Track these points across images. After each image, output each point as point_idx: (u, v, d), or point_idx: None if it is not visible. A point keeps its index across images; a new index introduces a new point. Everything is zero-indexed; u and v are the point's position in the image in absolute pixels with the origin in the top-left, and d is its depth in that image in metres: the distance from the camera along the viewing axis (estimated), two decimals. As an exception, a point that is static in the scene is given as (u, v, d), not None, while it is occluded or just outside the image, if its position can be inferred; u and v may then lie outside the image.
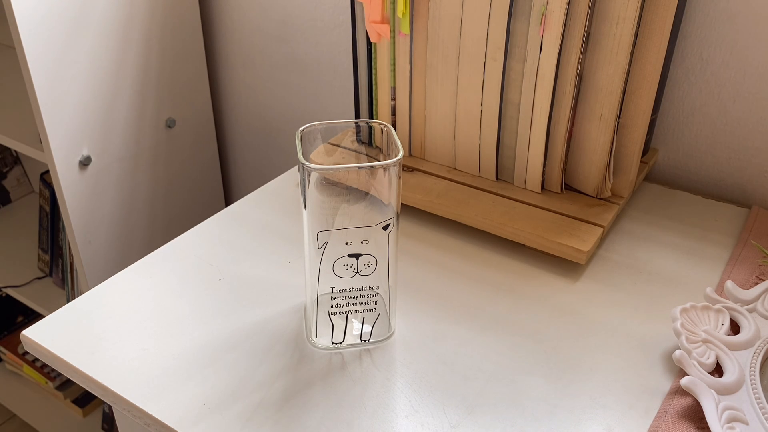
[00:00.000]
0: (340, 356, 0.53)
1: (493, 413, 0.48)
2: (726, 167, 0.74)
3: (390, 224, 0.49)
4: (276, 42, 1.03)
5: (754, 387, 0.48)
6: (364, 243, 0.49)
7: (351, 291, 0.51)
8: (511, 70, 0.64)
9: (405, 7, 0.66)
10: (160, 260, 0.64)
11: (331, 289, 0.51)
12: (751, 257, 0.63)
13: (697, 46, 0.71)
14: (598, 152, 0.65)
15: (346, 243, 0.48)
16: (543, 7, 0.59)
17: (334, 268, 0.50)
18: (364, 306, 0.52)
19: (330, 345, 0.53)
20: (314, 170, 0.46)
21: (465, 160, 0.72)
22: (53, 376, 1.46)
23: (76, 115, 0.93)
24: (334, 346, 0.53)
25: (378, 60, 0.71)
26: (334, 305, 0.52)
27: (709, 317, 0.53)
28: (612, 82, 0.61)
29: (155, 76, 1.02)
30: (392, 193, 0.48)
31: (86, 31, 0.91)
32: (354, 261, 0.49)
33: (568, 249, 0.61)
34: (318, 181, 0.47)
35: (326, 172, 0.46)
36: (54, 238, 1.28)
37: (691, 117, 0.74)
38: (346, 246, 0.49)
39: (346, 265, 0.49)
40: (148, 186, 1.08)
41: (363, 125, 0.70)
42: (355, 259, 0.49)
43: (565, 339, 0.55)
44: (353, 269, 0.50)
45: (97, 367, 0.52)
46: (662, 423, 0.47)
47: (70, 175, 0.95)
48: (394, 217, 0.49)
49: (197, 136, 1.13)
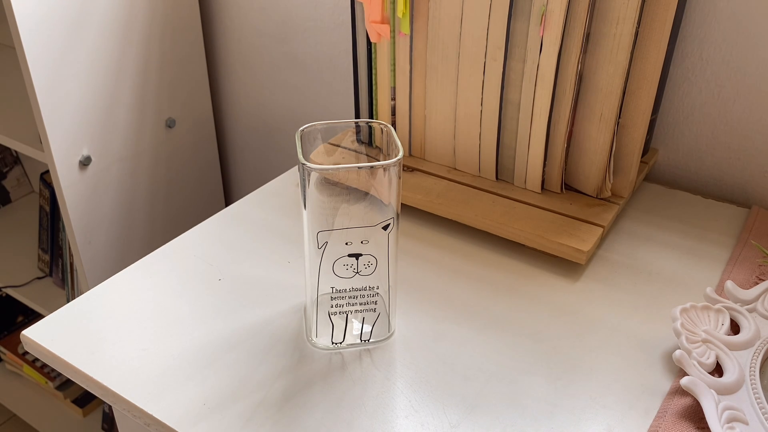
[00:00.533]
0: (340, 356, 0.53)
1: (493, 413, 0.48)
2: (726, 167, 0.74)
3: (390, 224, 0.49)
4: (276, 42, 1.03)
5: (754, 387, 0.48)
6: (364, 243, 0.49)
7: (351, 291, 0.51)
8: (511, 70, 0.64)
9: (405, 7, 0.66)
10: (160, 260, 0.64)
11: (331, 289, 0.51)
12: (751, 257, 0.63)
13: (697, 45, 0.71)
14: (598, 152, 0.65)
15: (346, 243, 0.49)
16: (543, 7, 0.59)
17: (334, 268, 0.50)
18: (364, 306, 0.52)
19: (330, 345, 0.53)
20: (314, 170, 0.46)
21: (465, 160, 0.72)
22: (53, 376, 1.46)
23: (76, 115, 0.93)
24: (334, 346, 0.53)
25: (378, 60, 0.71)
26: (334, 305, 0.52)
27: (709, 317, 0.53)
28: (612, 82, 0.61)
29: (155, 76, 1.02)
30: (392, 193, 0.48)
31: (86, 31, 0.91)
32: (354, 261, 0.49)
33: (568, 249, 0.61)
34: (318, 181, 0.47)
35: (326, 172, 0.46)
36: (54, 238, 1.28)
37: (691, 117, 0.74)
38: (346, 246, 0.49)
39: (346, 265, 0.49)
40: (148, 186, 1.08)
41: (363, 125, 0.70)
42: (355, 259, 0.49)
43: (565, 339, 0.55)
44: (353, 269, 0.50)
45: (97, 367, 0.52)
46: (662, 423, 0.47)
47: (70, 175, 0.95)
48: (393, 217, 0.49)
49: (197, 136, 1.13)
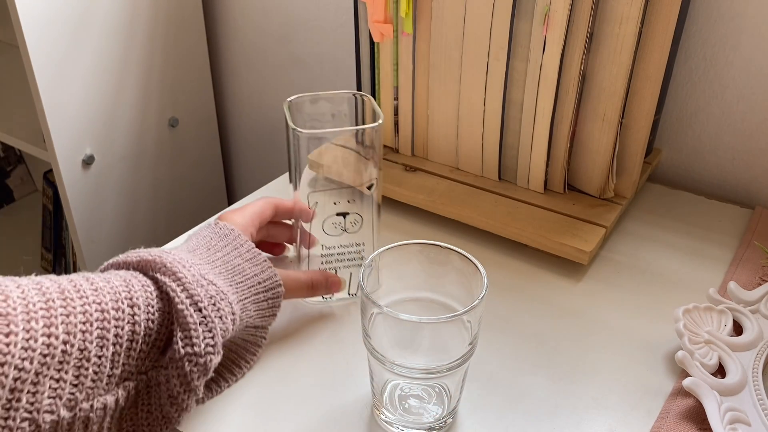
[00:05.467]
0: (329, 309, 0.57)
1: (494, 413, 0.48)
2: (729, 168, 0.74)
3: (374, 184, 0.54)
4: (279, 42, 1.03)
5: (757, 388, 0.47)
6: (350, 202, 0.54)
7: (339, 248, 0.55)
8: (514, 69, 0.64)
9: (408, 7, 0.66)
10: (162, 259, 0.64)
11: (321, 246, 0.55)
12: (755, 258, 0.63)
13: (700, 46, 0.71)
14: (601, 152, 0.65)
15: (334, 203, 0.53)
16: (546, 6, 0.59)
17: (324, 226, 0.54)
18: (351, 262, 0.56)
19: (321, 300, 0.57)
20: (303, 134, 0.50)
21: (467, 160, 0.72)
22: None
23: (80, 114, 0.94)
24: (325, 300, 0.57)
25: (381, 60, 0.71)
26: (324, 261, 0.56)
27: (711, 318, 0.53)
28: (615, 82, 0.61)
29: (158, 75, 1.02)
30: (375, 156, 0.53)
31: (90, 31, 0.91)
32: (341, 219, 0.54)
33: (571, 249, 0.61)
34: (307, 145, 0.51)
35: (316, 135, 0.51)
36: (57, 236, 1.28)
37: (695, 117, 0.74)
38: (334, 206, 0.54)
39: (334, 224, 0.54)
40: (150, 185, 1.08)
41: (348, 96, 0.68)
42: (342, 217, 0.54)
43: (568, 339, 0.55)
44: (341, 227, 0.54)
45: (100, 366, 0.52)
46: (664, 424, 0.47)
47: (73, 174, 0.96)
48: (377, 177, 0.53)
49: (200, 135, 1.13)
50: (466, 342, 0.43)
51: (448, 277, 0.46)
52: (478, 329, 0.43)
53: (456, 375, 0.44)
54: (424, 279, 0.47)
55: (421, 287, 0.47)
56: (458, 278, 0.45)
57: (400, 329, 0.42)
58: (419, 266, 0.46)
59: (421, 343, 0.42)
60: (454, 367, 0.43)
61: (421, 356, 0.42)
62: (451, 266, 0.46)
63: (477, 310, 0.41)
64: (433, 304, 0.47)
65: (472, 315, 0.42)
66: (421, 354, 0.42)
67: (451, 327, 0.42)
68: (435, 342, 0.42)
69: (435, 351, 0.42)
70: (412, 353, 0.42)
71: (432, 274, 0.46)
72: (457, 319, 0.42)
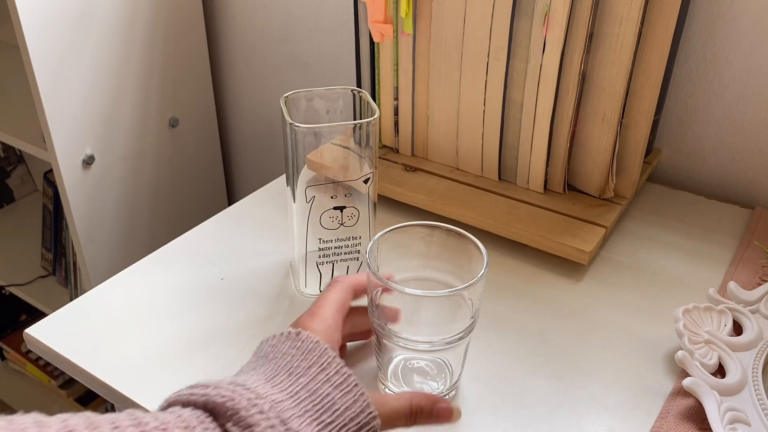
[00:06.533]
0: None
1: (495, 413, 0.48)
2: (729, 168, 0.74)
3: (370, 178, 0.54)
4: (279, 42, 1.03)
5: (757, 388, 0.47)
6: (347, 196, 0.54)
7: (336, 241, 0.56)
8: (514, 70, 0.64)
9: (408, 7, 0.66)
10: (162, 259, 0.64)
11: (318, 240, 0.56)
12: (754, 258, 0.63)
13: (700, 46, 0.71)
14: (601, 152, 0.65)
15: (331, 197, 0.54)
16: (546, 7, 0.59)
17: (321, 220, 0.55)
18: (348, 255, 0.57)
19: (318, 293, 0.56)
20: (301, 128, 0.50)
21: (467, 160, 0.72)
22: (56, 374, 1.46)
23: (80, 114, 0.94)
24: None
25: (381, 60, 0.71)
26: (321, 255, 0.56)
27: (711, 318, 0.53)
28: (615, 82, 0.61)
29: (159, 75, 1.02)
30: (372, 150, 0.53)
31: (90, 31, 0.91)
32: (338, 213, 0.55)
33: (571, 249, 0.61)
34: (304, 140, 0.52)
35: (313, 129, 0.51)
36: (57, 236, 1.28)
37: (695, 117, 0.74)
38: (331, 199, 0.54)
39: (331, 218, 0.55)
40: (151, 185, 1.08)
41: (343, 92, 0.68)
42: (339, 211, 0.55)
43: (568, 339, 0.55)
44: (338, 221, 0.55)
45: (100, 366, 0.52)
46: (664, 424, 0.47)
47: (73, 174, 0.96)
48: (373, 170, 0.54)
49: (200, 135, 1.13)
50: (468, 317, 0.45)
51: (448, 256, 0.48)
52: (479, 305, 0.45)
53: (458, 349, 0.46)
54: (425, 259, 0.48)
55: (423, 267, 0.49)
56: (458, 257, 0.47)
57: (404, 304, 0.45)
58: (423, 246, 0.48)
59: (425, 316, 0.45)
60: (456, 340, 0.45)
61: (424, 330, 0.45)
62: (451, 246, 0.47)
63: (477, 286, 0.44)
64: (436, 283, 0.49)
65: (472, 292, 0.44)
66: (425, 327, 0.45)
67: (452, 302, 0.45)
68: (437, 317, 0.45)
69: (437, 325, 0.45)
70: (416, 327, 0.45)
71: (433, 254, 0.48)
72: (458, 295, 0.44)
